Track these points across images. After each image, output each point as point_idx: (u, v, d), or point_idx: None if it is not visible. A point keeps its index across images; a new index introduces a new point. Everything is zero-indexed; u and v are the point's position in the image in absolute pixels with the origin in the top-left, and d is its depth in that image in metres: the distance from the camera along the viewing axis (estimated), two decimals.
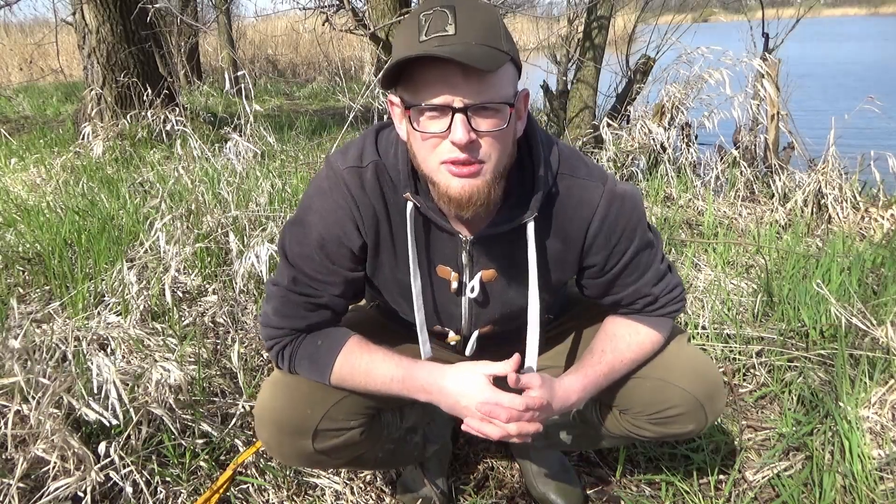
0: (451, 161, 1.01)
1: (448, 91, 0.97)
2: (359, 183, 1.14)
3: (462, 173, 1.02)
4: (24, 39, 11.79)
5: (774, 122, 4.03)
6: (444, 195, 1.04)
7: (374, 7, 4.42)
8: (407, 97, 1.02)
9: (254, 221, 2.82)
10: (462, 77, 0.97)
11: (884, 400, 1.76)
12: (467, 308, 1.26)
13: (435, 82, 0.98)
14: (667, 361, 1.27)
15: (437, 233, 1.18)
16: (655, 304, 1.26)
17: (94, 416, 1.51)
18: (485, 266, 1.20)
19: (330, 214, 1.15)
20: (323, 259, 1.17)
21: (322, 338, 1.22)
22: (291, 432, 1.21)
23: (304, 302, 1.19)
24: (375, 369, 1.18)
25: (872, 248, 2.84)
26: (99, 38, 5.31)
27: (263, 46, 13.33)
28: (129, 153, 4.66)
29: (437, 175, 1.04)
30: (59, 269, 2.53)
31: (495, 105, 1.00)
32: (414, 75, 0.99)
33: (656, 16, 5.72)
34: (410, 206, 1.13)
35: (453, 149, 1.00)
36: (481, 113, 0.99)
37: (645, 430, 1.31)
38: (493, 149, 1.02)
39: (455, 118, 0.98)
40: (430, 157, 1.03)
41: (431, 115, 1.00)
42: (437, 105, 0.98)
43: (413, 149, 1.07)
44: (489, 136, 1.01)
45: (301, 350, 1.22)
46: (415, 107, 1.00)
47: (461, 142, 0.98)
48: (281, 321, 1.21)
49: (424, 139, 1.02)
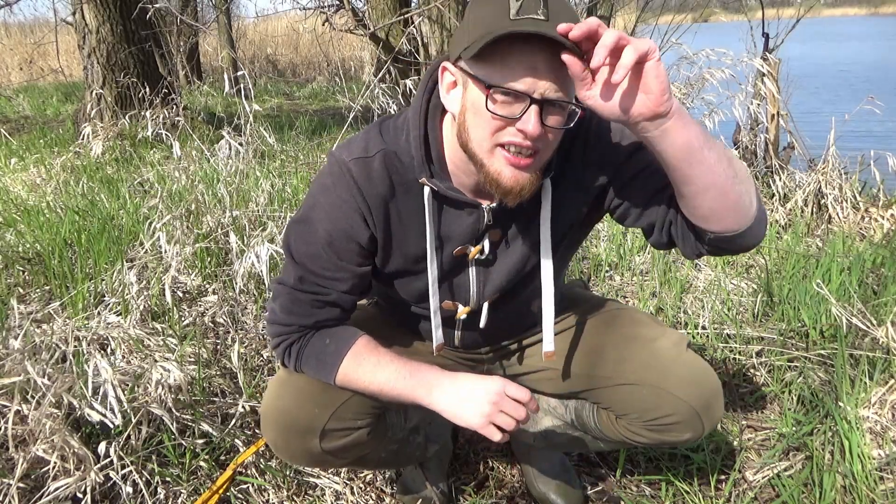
0: (513, 144, 1.00)
1: (533, 77, 0.96)
2: (365, 173, 1.13)
3: (519, 164, 1.01)
4: (24, 39, 11.80)
5: (774, 122, 4.03)
6: (494, 181, 1.03)
7: (374, 7, 4.42)
8: (488, 73, 0.98)
9: (254, 221, 2.82)
10: (550, 67, 0.95)
11: (884, 400, 1.76)
12: (475, 274, 1.24)
13: (520, 66, 0.95)
14: (664, 368, 1.26)
15: (455, 212, 1.17)
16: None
17: (97, 416, 1.51)
18: (502, 228, 1.19)
19: (335, 210, 1.14)
20: (330, 256, 1.16)
21: (330, 337, 1.20)
22: (299, 432, 1.21)
23: (312, 300, 1.18)
24: (380, 372, 1.17)
25: (872, 248, 2.84)
26: (99, 38, 5.31)
27: (263, 46, 13.34)
28: (128, 153, 4.66)
29: (489, 157, 1.03)
30: (59, 269, 2.53)
31: (566, 103, 0.99)
32: (502, 52, 0.96)
33: (656, 16, 5.73)
34: (427, 192, 1.12)
35: (517, 134, 0.99)
36: (553, 108, 0.99)
37: (641, 437, 1.30)
38: (549, 145, 1.03)
39: (531, 109, 0.97)
40: (490, 138, 1.01)
41: (508, 99, 0.98)
42: (520, 92, 0.96)
43: (468, 124, 1.03)
44: (552, 132, 1.01)
45: (308, 348, 1.21)
46: (496, 88, 0.97)
47: (533, 134, 0.97)
48: (288, 318, 1.20)
49: (493, 119, 0.99)
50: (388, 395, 1.18)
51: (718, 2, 6.76)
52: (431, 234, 1.15)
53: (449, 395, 1.15)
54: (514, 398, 1.13)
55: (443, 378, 1.16)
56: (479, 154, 1.03)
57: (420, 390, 1.16)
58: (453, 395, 1.14)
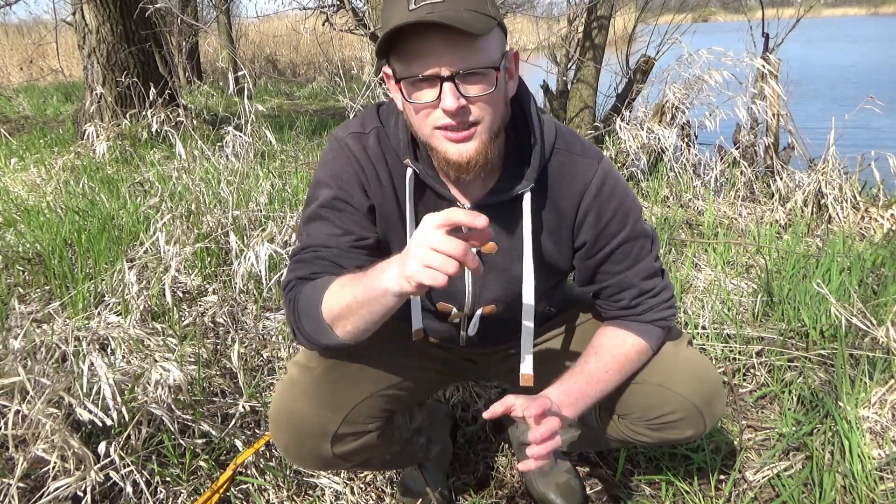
0: (444, 127, 1.04)
1: (436, 60, 1.00)
2: (361, 147, 1.17)
3: (457, 138, 1.05)
4: (23, 39, 11.79)
5: (775, 122, 4.03)
6: (443, 160, 1.08)
7: (374, 7, 4.42)
8: (399, 68, 1.04)
9: (254, 221, 2.82)
10: (449, 45, 0.99)
11: (884, 400, 1.76)
12: (470, 281, 1.25)
13: (423, 52, 1.00)
14: (664, 366, 1.26)
15: (437, 200, 1.19)
16: (642, 303, 1.24)
17: (87, 416, 1.51)
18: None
19: (336, 180, 1.17)
20: (335, 217, 1.17)
21: (319, 282, 1.13)
22: (311, 435, 1.20)
23: (313, 257, 1.17)
24: (347, 287, 1.06)
25: (872, 248, 2.84)
26: (99, 38, 5.31)
27: (263, 46, 13.33)
28: (129, 153, 4.66)
29: (433, 141, 1.07)
30: (59, 269, 2.53)
31: (481, 70, 1.02)
32: (405, 45, 1.01)
33: (656, 16, 5.72)
34: (410, 172, 1.16)
35: (444, 115, 1.03)
36: (469, 79, 1.02)
37: (643, 436, 1.30)
38: (484, 111, 1.05)
39: (444, 87, 1.00)
40: (425, 125, 1.07)
41: (422, 85, 1.02)
42: (427, 76, 1.01)
43: (408, 118, 1.10)
44: (479, 100, 1.03)
45: (302, 294, 1.14)
46: (405, 79, 1.03)
47: (451, 109, 1.01)
48: (289, 276, 1.19)
49: (417, 109, 1.05)
50: (362, 308, 1.04)
51: (718, 2, 6.75)
52: (411, 214, 1.17)
53: (392, 268, 0.98)
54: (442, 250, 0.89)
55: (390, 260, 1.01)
56: (426, 140, 1.09)
57: (373, 281, 1.01)
58: (396, 266, 0.97)
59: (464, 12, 0.98)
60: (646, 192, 3.93)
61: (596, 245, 1.21)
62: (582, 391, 1.20)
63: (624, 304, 1.25)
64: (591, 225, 1.20)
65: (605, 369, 1.23)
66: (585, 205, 1.18)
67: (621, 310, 1.26)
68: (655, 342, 1.27)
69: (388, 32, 0.98)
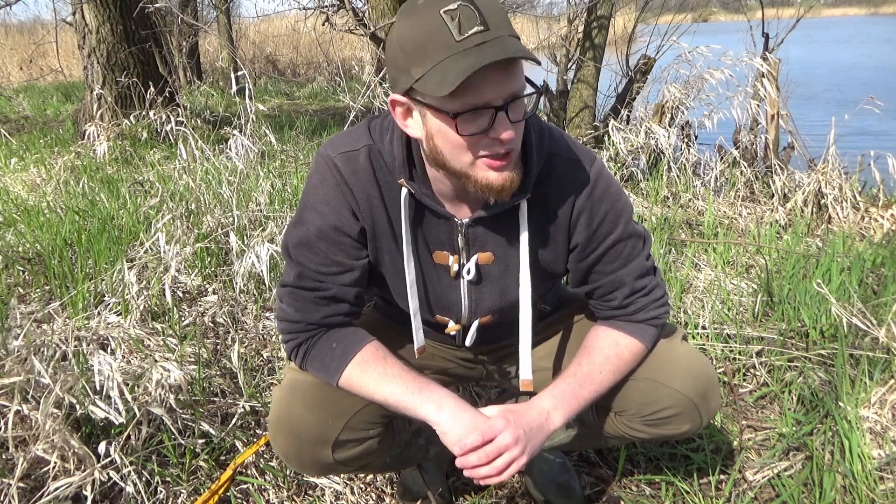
0: (492, 155, 1.02)
1: (491, 90, 0.97)
2: (351, 167, 1.15)
3: (498, 165, 1.03)
4: (23, 39, 11.79)
5: (774, 122, 4.03)
6: (485, 187, 1.05)
7: (374, 7, 4.42)
8: (447, 102, 0.97)
9: (254, 221, 2.82)
10: (504, 74, 0.97)
11: (884, 400, 1.76)
12: (466, 294, 1.25)
13: (478, 84, 0.96)
14: (659, 362, 1.26)
15: (433, 218, 1.18)
16: (634, 302, 1.24)
17: (101, 413, 1.51)
18: (481, 249, 1.20)
19: (324, 205, 1.15)
20: (325, 249, 1.16)
21: (337, 341, 1.19)
22: (311, 442, 1.20)
23: (314, 296, 1.18)
24: (387, 384, 1.16)
25: (872, 248, 2.84)
26: (99, 38, 5.31)
27: (263, 46, 13.33)
28: (129, 153, 4.66)
29: (472, 170, 1.04)
30: (59, 269, 2.53)
31: (523, 95, 1.01)
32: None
33: (656, 16, 5.73)
34: (405, 193, 1.14)
35: (493, 143, 1.01)
36: (513, 105, 1.00)
37: (641, 432, 1.30)
38: (518, 135, 1.04)
39: (498, 116, 0.98)
40: (467, 155, 1.03)
41: (471, 116, 0.99)
42: (481, 105, 0.98)
43: (440, 149, 1.04)
44: (518, 124, 1.02)
45: (314, 350, 1.20)
46: (461, 114, 0.97)
47: (510, 138, 1.00)
48: (295, 315, 1.19)
49: (465, 141, 1.01)
50: (391, 407, 1.17)
51: (718, 2, 6.76)
52: (407, 234, 1.16)
53: (447, 413, 1.13)
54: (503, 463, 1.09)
55: (449, 399, 1.15)
56: (461, 170, 1.05)
57: (417, 408, 1.14)
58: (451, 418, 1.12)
59: (507, 39, 0.95)
60: (645, 192, 3.92)
61: (589, 246, 1.21)
62: (575, 393, 1.20)
63: (616, 304, 1.25)
64: (584, 226, 1.19)
65: (598, 370, 1.23)
66: (579, 206, 1.18)
67: (613, 309, 1.26)
68: (649, 341, 1.27)
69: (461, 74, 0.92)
